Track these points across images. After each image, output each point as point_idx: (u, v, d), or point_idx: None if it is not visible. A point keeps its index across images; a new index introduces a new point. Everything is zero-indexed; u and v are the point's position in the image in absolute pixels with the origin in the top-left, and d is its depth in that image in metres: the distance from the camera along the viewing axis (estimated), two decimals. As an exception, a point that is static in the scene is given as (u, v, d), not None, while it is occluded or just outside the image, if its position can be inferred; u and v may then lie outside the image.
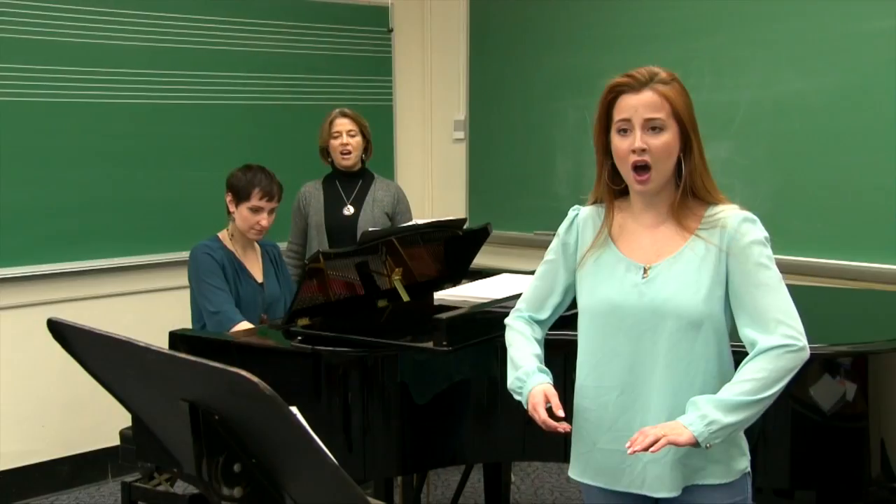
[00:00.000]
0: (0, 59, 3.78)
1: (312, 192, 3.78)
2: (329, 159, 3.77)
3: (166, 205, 4.25)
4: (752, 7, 3.73)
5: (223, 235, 3.17)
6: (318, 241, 3.71)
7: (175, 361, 1.31)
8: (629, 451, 1.72)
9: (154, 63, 4.18)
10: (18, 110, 3.84)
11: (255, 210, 3.06)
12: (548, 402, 1.86)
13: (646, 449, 1.70)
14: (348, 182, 3.78)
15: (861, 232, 3.44)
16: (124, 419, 2.79)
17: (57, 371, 3.96)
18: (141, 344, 1.30)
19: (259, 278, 3.18)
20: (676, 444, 1.71)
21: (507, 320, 2.09)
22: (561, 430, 1.83)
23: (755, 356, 1.77)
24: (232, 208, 3.10)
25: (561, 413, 1.83)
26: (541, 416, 1.85)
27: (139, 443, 2.75)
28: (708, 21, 3.88)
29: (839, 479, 2.29)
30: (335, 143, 3.70)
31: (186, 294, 3.17)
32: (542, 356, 2.00)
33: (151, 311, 4.10)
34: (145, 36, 4.15)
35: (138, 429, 2.72)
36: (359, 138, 3.72)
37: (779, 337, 1.76)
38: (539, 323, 2.06)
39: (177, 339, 2.66)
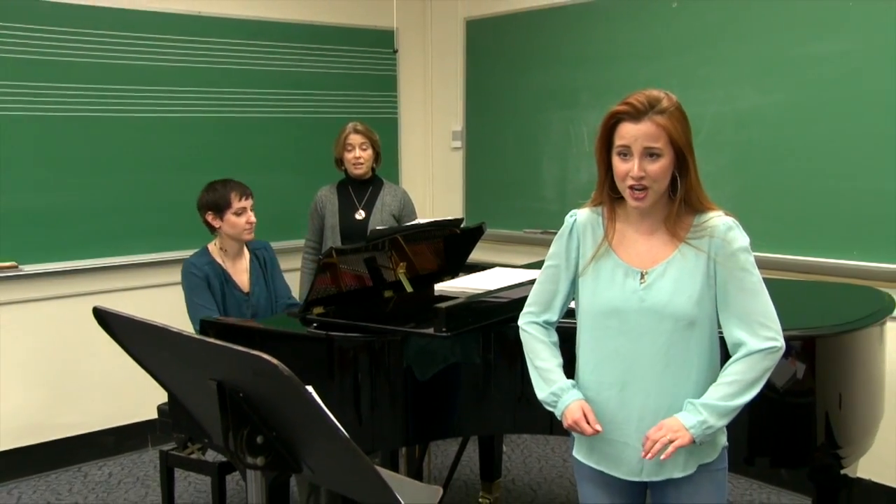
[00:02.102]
0: (59, 79, 3.83)
1: (328, 197, 3.78)
2: (343, 168, 3.77)
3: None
4: (716, 31, 3.73)
5: (212, 248, 3.08)
6: (333, 241, 3.70)
7: (205, 345, 1.32)
8: (648, 458, 1.77)
9: (186, 81, 4.20)
10: (71, 125, 3.87)
11: (240, 212, 2.99)
12: (585, 416, 1.85)
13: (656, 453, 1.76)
14: (360, 188, 3.78)
15: (810, 229, 3.45)
16: (161, 396, 2.80)
17: (103, 354, 3.97)
18: (175, 330, 1.31)
19: (245, 288, 3.08)
20: (681, 446, 1.75)
21: (521, 324, 2.01)
22: (600, 430, 1.84)
23: (743, 357, 1.78)
24: (217, 224, 3.01)
25: (598, 427, 1.84)
26: (586, 429, 1.84)
27: (174, 416, 2.76)
28: (676, 43, 3.88)
29: (790, 446, 2.30)
30: (348, 155, 3.70)
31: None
32: (562, 362, 1.96)
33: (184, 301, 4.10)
34: (180, 58, 4.17)
35: (173, 404, 2.72)
36: (370, 151, 3.72)
37: (763, 340, 1.77)
38: (552, 324, 2.00)
39: (206, 325, 2.66)
